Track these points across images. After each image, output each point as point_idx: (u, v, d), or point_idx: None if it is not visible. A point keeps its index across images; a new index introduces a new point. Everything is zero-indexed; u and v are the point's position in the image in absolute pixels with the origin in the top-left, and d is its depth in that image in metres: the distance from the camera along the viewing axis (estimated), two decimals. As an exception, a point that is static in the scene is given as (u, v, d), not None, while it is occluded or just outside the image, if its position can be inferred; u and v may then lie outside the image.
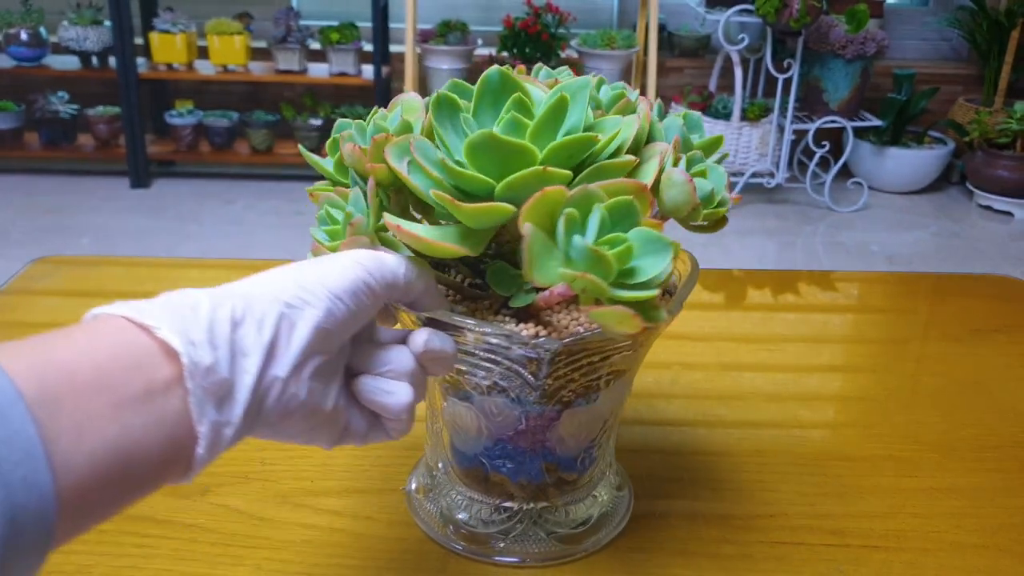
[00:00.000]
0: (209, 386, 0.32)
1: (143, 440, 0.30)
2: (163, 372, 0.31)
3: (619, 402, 0.51)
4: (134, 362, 0.30)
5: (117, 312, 0.32)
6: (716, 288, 0.91)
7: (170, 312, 0.32)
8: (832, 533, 0.55)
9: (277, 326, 0.34)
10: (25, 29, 2.84)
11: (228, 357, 0.32)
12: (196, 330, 0.32)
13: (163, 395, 0.31)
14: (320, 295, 0.36)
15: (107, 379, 0.30)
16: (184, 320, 0.32)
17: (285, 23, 2.85)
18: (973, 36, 3.11)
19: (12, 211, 2.72)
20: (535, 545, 0.52)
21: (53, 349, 0.30)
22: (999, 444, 0.65)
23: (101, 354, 0.30)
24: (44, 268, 0.88)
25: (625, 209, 0.38)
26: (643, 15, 2.95)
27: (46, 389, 0.28)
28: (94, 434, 0.28)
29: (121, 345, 0.31)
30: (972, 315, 0.86)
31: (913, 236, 2.82)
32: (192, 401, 0.31)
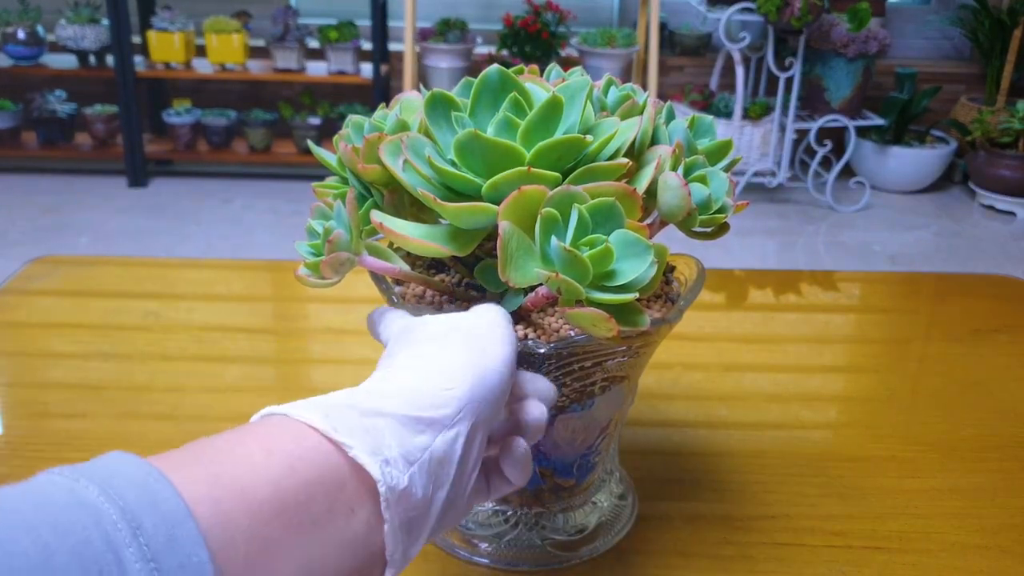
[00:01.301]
0: (403, 510, 0.29)
1: (322, 568, 0.27)
2: (350, 494, 0.28)
3: (618, 409, 0.50)
4: (320, 481, 0.27)
5: (301, 418, 0.29)
6: (717, 288, 0.90)
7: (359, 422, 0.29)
8: (834, 534, 0.55)
9: (468, 431, 0.32)
10: (22, 27, 2.83)
11: (422, 472, 0.30)
12: (390, 445, 0.29)
13: (347, 520, 0.28)
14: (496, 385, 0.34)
15: (288, 502, 0.26)
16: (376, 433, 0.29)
17: (283, 21, 2.85)
18: (975, 35, 3.11)
19: (9, 211, 2.72)
20: (530, 551, 0.52)
21: (227, 464, 0.27)
22: (1000, 444, 0.65)
23: (281, 472, 0.27)
24: (42, 268, 0.88)
25: (607, 211, 0.37)
26: (644, 13, 2.95)
27: (220, 509, 0.25)
28: (270, 567, 0.26)
29: (301, 460, 0.28)
30: (974, 315, 0.85)
31: (915, 236, 2.81)
32: (388, 530, 0.29)
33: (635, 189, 0.38)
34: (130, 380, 0.70)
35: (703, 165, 0.44)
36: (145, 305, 0.82)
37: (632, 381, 0.50)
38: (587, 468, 0.51)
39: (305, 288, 0.90)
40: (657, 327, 0.43)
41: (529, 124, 0.39)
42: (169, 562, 0.23)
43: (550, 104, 0.39)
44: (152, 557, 0.23)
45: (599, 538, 0.53)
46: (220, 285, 0.88)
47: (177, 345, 0.75)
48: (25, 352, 0.74)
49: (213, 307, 0.84)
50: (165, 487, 0.25)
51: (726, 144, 0.47)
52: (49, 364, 0.72)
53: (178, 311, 0.81)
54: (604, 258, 0.37)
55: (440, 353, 0.34)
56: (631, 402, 0.53)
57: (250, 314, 0.84)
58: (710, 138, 0.47)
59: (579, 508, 0.53)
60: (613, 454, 0.55)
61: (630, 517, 0.56)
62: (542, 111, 0.39)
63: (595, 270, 0.36)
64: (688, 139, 0.45)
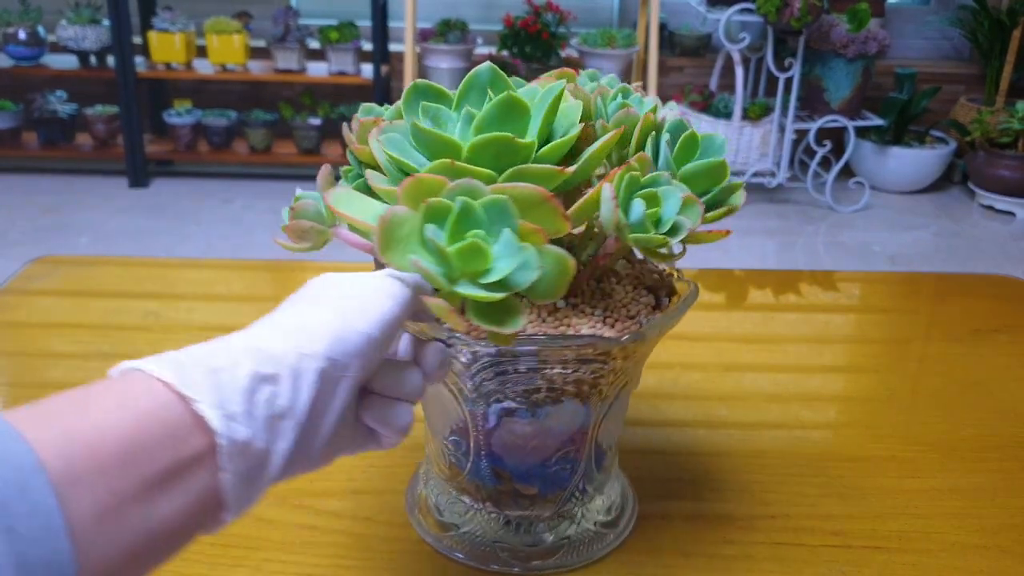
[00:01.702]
0: (244, 462, 0.31)
1: (168, 515, 0.29)
2: (194, 445, 0.30)
3: (580, 427, 0.48)
4: (166, 434, 0.29)
5: (153, 372, 0.31)
6: (717, 288, 0.90)
7: (207, 376, 0.31)
8: (834, 534, 0.55)
9: (316, 387, 0.33)
10: (23, 28, 2.83)
11: (265, 426, 0.31)
12: (235, 399, 0.31)
13: (192, 470, 0.30)
14: (358, 345, 0.35)
15: (136, 454, 0.28)
16: (222, 388, 0.31)
17: (284, 22, 2.85)
18: (975, 35, 3.11)
19: (10, 211, 2.72)
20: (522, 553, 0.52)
21: (79, 418, 0.28)
22: (1000, 444, 0.65)
23: (130, 425, 0.29)
24: (42, 268, 0.88)
25: (500, 209, 0.37)
26: (644, 14, 2.95)
27: (71, 466, 0.27)
28: (118, 515, 0.28)
29: (152, 415, 0.29)
30: (973, 315, 0.85)
31: (914, 236, 2.81)
32: (225, 478, 0.30)
33: (552, 195, 0.37)
34: (131, 380, 0.70)
35: (664, 182, 0.42)
36: (145, 305, 0.82)
37: (599, 400, 0.48)
38: (554, 480, 0.50)
39: (305, 288, 0.90)
40: (606, 345, 0.42)
41: (481, 120, 0.40)
42: (19, 510, 0.25)
43: (503, 102, 0.39)
44: (2, 505, 0.24)
45: (558, 554, 0.52)
46: (220, 285, 0.89)
47: (177, 345, 0.75)
48: (25, 352, 0.74)
49: (213, 307, 0.84)
50: (17, 442, 0.26)
51: (715, 168, 0.44)
52: (49, 364, 0.72)
53: (178, 311, 0.82)
54: (473, 253, 0.36)
55: (306, 311, 0.36)
56: (615, 428, 0.51)
57: (250, 314, 0.84)
58: (712, 157, 0.44)
59: (546, 519, 0.52)
60: (605, 477, 0.53)
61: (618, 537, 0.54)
62: (495, 108, 0.39)
63: (464, 265, 0.36)
64: (665, 153, 0.43)
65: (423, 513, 0.55)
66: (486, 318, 0.37)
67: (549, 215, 0.38)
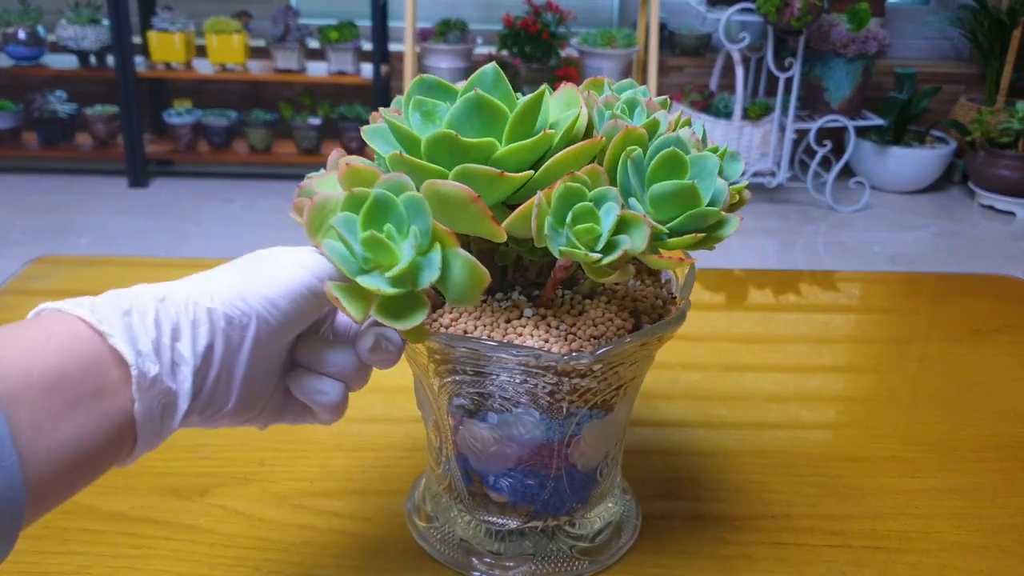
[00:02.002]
0: (155, 395, 0.34)
1: (95, 435, 0.33)
2: (112, 375, 0.33)
3: (537, 440, 0.47)
4: (88, 364, 0.33)
5: (71, 311, 0.34)
6: (717, 288, 0.90)
7: (120, 317, 0.34)
8: (834, 534, 0.55)
9: (211, 336, 0.36)
10: (23, 28, 2.84)
11: (170, 366, 0.35)
12: (144, 339, 0.34)
13: (111, 396, 0.33)
14: (257, 305, 0.37)
15: (62, 380, 0.32)
16: (132, 328, 0.34)
17: (284, 22, 2.85)
18: (975, 35, 3.11)
19: (10, 211, 2.72)
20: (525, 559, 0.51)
21: (11, 347, 0.32)
22: (1000, 444, 0.65)
23: (56, 354, 0.32)
24: (42, 268, 0.88)
25: (416, 206, 0.37)
26: (644, 14, 2.95)
27: (6, 387, 0.30)
28: (52, 431, 0.31)
29: (75, 346, 0.33)
30: (974, 315, 0.85)
31: (915, 236, 2.81)
32: (138, 409, 0.34)
33: (479, 196, 0.37)
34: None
35: (611, 199, 0.39)
36: (146, 305, 0.82)
37: (562, 417, 0.46)
38: (524, 494, 0.49)
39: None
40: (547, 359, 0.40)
41: (451, 117, 0.40)
42: None
43: (470, 101, 0.40)
44: None
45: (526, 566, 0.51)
46: (220, 285, 0.88)
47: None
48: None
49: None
50: None
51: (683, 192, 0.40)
52: (50, 364, 0.72)
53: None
54: (377, 246, 0.37)
55: (223, 271, 0.39)
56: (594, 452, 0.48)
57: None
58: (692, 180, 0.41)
59: (519, 531, 0.51)
60: (593, 502, 0.51)
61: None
62: (463, 106, 0.40)
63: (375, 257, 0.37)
64: (630, 171, 0.41)
65: (419, 514, 0.55)
66: (385, 311, 0.38)
67: (477, 218, 0.38)
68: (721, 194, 0.42)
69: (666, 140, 0.42)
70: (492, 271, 0.47)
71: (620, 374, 0.45)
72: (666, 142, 0.42)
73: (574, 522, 0.52)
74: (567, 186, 0.39)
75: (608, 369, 0.43)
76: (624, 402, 0.48)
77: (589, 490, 0.51)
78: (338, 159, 0.44)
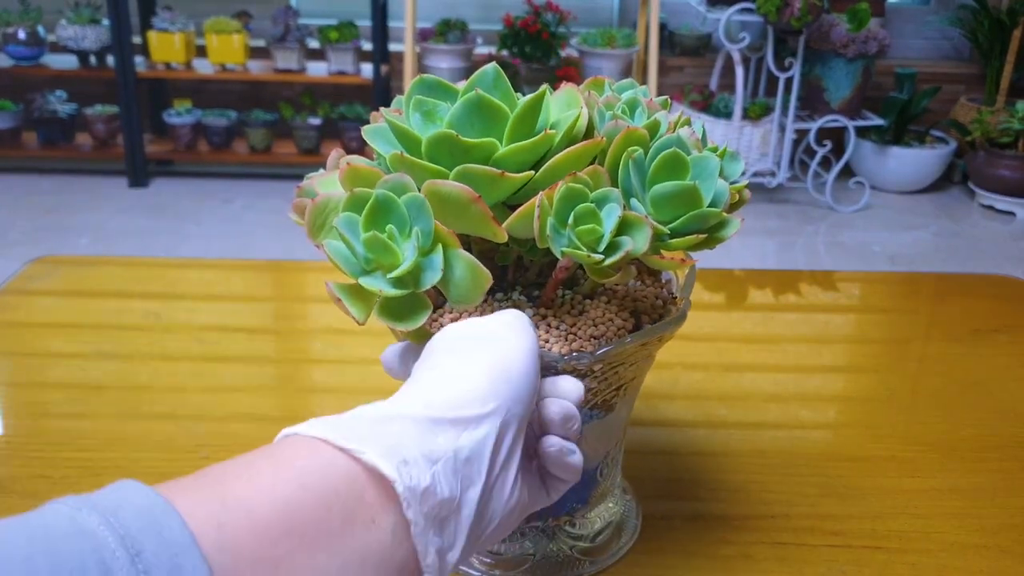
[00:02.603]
0: (430, 510, 0.28)
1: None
2: (368, 502, 0.27)
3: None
4: (332, 493, 0.27)
5: (313, 433, 0.29)
6: (717, 288, 0.90)
7: (371, 428, 0.29)
8: (834, 534, 0.55)
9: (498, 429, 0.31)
10: (23, 28, 2.83)
11: (450, 471, 0.29)
12: (409, 446, 0.28)
13: (368, 530, 0.27)
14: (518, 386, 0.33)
15: (296, 515, 0.26)
16: (390, 435, 0.29)
17: (284, 22, 2.85)
18: (975, 35, 3.11)
19: (10, 211, 2.72)
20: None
21: (234, 484, 0.26)
22: (1000, 444, 0.65)
23: (290, 487, 0.26)
24: (42, 268, 0.88)
25: (417, 206, 0.38)
26: (644, 14, 2.95)
27: (224, 533, 0.25)
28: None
29: (311, 473, 0.27)
30: (973, 315, 0.85)
31: (915, 236, 2.81)
32: (415, 531, 0.28)
33: (479, 196, 0.38)
34: (131, 380, 0.70)
35: (612, 199, 0.39)
36: (146, 305, 0.82)
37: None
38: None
39: (305, 288, 0.90)
40: None
41: (452, 117, 0.40)
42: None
43: (470, 101, 0.40)
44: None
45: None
46: (220, 285, 0.89)
47: (178, 345, 0.75)
48: (25, 352, 0.74)
49: (213, 307, 0.84)
50: (169, 514, 0.24)
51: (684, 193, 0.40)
52: (49, 364, 0.72)
53: (178, 311, 0.82)
54: (378, 246, 0.37)
55: (458, 359, 0.34)
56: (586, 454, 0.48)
57: (250, 314, 0.85)
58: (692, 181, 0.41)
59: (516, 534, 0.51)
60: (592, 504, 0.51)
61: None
62: (463, 106, 0.40)
63: (377, 257, 0.37)
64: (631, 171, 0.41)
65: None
66: (388, 312, 0.37)
67: (478, 218, 0.38)
68: (723, 195, 0.42)
69: (667, 141, 0.42)
70: (493, 271, 0.47)
71: (620, 374, 0.45)
72: (667, 143, 0.42)
73: (574, 522, 0.52)
74: (569, 187, 0.39)
75: (608, 369, 0.43)
76: (625, 402, 0.48)
77: (589, 490, 0.51)
78: (338, 159, 0.44)
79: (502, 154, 0.40)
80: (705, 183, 0.41)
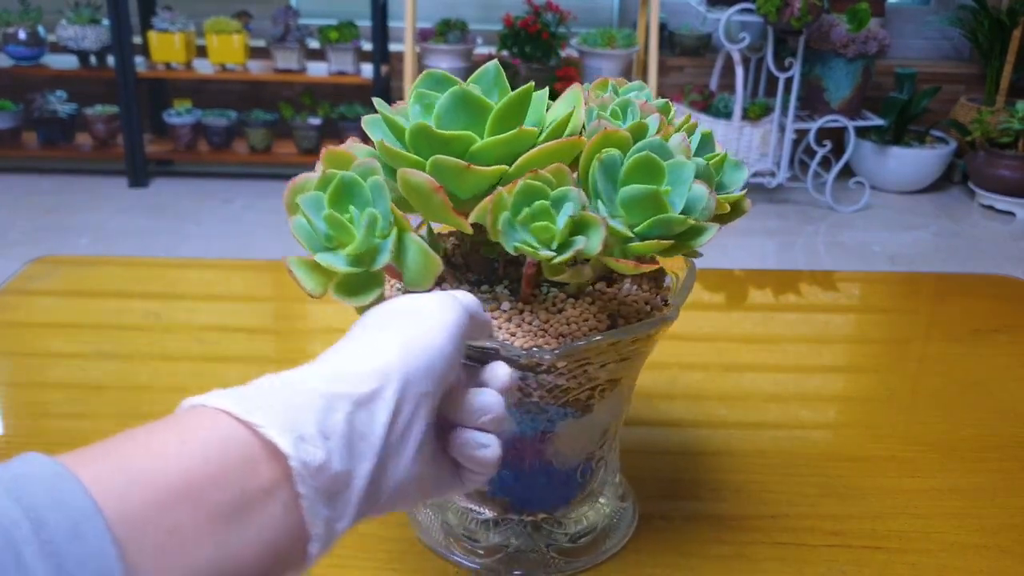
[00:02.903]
0: (322, 485, 0.29)
1: (240, 553, 0.27)
2: (264, 475, 0.28)
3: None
4: (232, 465, 0.27)
5: (216, 404, 0.29)
6: (717, 288, 0.90)
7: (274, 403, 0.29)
8: (833, 534, 0.55)
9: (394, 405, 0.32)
10: (23, 28, 2.83)
11: (343, 446, 0.30)
12: (306, 420, 0.29)
13: (263, 501, 0.28)
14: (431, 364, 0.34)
15: (199, 488, 0.26)
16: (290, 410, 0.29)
17: (284, 22, 2.85)
18: (975, 35, 3.11)
19: (10, 211, 2.72)
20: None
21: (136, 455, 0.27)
22: (1000, 444, 0.65)
23: (193, 459, 0.27)
24: (42, 268, 0.88)
25: (378, 190, 0.39)
26: (644, 14, 2.95)
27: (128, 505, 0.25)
28: (183, 556, 0.26)
29: (214, 445, 0.28)
30: (973, 315, 0.85)
31: (915, 236, 2.81)
32: (305, 504, 0.29)
33: (441, 187, 0.39)
34: (130, 380, 0.70)
35: (571, 198, 0.39)
36: (146, 305, 0.82)
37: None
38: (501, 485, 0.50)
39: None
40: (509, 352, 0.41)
41: (440, 109, 0.41)
42: (72, 557, 0.23)
43: (454, 95, 0.41)
44: (54, 552, 0.23)
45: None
46: (220, 285, 0.89)
47: (178, 345, 0.75)
48: (25, 352, 0.74)
49: (213, 307, 0.84)
50: (72, 483, 0.25)
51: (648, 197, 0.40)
52: (49, 364, 0.72)
53: (179, 311, 0.82)
54: (335, 225, 0.39)
55: (376, 332, 0.35)
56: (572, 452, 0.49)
57: (250, 314, 0.85)
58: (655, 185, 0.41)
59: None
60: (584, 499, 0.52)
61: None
62: (448, 99, 0.41)
63: (337, 235, 0.39)
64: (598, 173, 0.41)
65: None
66: (343, 288, 0.39)
67: (440, 208, 0.40)
68: (698, 202, 0.41)
69: (645, 144, 0.42)
70: (480, 263, 0.47)
71: (591, 373, 0.45)
72: (645, 146, 0.41)
73: (561, 520, 0.52)
74: (527, 183, 0.40)
75: (576, 367, 0.43)
76: (605, 404, 0.48)
77: (571, 491, 0.50)
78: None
79: (478, 147, 0.41)
80: (678, 189, 0.41)
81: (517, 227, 0.40)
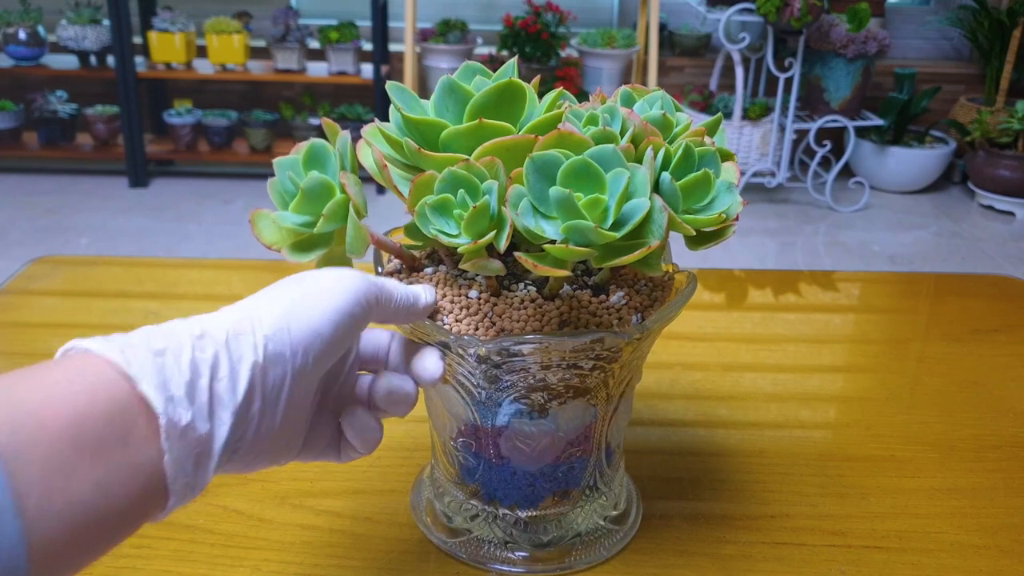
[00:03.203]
0: (186, 445, 0.31)
1: (117, 493, 0.29)
2: (140, 424, 0.30)
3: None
4: (113, 412, 0.29)
5: (98, 351, 0.31)
6: (717, 288, 0.90)
7: (152, 358, 0.31)
8: (833, 533, 0.55)
9: (252, 373, 0.33)
10: (23, 28, 2.84)
11: (206, 410, 0.32)
12: (176, 383, 0.31)
13: (139, 447, 0.30)
14: (301, 335, 0.35)
15: (83, 429, 0.28)
16: (165, 369, 0.31)
17: (284, 22, 2.85)
18: (975, 35, 3.11)
19: (11, 211, 2.72)
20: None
21: (27, 392, 0.28)
22: (999, 444, 0.65)
23: (79, 400, 0.29)
24: (43, 268, 0.88)
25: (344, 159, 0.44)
26: (643, 14, 2.95)
27: (17, 438, 0.27)
28: (67, 490, 0.27)
29: (99, 391, 0.30)
30: (973, 315, 0.86)
31: (914, 236, 2.81)
32: (167, 460, 0.31)
33: (387, 165, 0.43)
34: (131, 380, 0.70)
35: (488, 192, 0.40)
36: (146, 305, 0.82)
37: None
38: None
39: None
40: None
41: (433, 101, 0.44)
42: None
43: (444, 86, 0.44)
44: None
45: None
46: (221, 285, 0.89)
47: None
48: (25, 352, 0.74)
49: (214, 307, 0.84)
50: None
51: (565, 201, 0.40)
52: (50, 364, 0.72)
53: (179, 311, 0.81)
54: (306, 193, 0.44)
55: (261, 301, 0.36)
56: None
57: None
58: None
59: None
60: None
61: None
62: (439, 91, 0.44)
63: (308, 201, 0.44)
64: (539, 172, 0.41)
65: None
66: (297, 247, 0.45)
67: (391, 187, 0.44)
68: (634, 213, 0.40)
69: (597, 151, 0.40)
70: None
71: (535, 374, 0.44)
72: (596, 153, 0.40)
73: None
74: (452, 172, 0.41)
75: (516, 367, 0.44)
76: (564, 412, 0.47)
77: (538, 494, 0.50)
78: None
79: (446, 135, 0.42)
80: (612, 198, 0.40)
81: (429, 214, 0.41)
